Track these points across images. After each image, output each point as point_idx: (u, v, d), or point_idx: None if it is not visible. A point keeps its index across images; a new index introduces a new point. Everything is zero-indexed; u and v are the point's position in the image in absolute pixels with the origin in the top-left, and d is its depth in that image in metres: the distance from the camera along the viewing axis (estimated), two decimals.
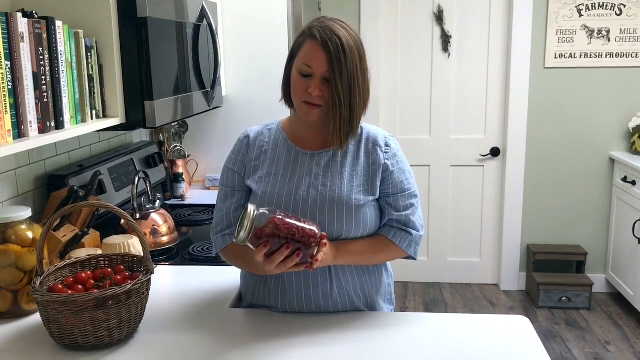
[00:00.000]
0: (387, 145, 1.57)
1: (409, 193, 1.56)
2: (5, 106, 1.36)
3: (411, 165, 1.62)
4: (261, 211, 1.33)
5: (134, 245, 1.84)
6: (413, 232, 1.56)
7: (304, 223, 1.36)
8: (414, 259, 1.60)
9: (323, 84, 1.43)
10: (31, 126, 1.46)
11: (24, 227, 1.59)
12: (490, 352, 1.39)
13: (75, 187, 1.85)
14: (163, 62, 1.95)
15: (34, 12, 1.48)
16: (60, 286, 1.44)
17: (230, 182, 1.59)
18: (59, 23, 1.56)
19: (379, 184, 1.54)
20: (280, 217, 1.34)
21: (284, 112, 1.66)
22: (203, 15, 2.37)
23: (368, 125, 1.62)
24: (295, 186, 1.51)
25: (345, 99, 1.42)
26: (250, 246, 1.34)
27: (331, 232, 1.48)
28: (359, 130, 1.57)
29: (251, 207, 1.32)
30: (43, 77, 1.50)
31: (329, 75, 1.42)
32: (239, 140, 1.62)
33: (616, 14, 3.72)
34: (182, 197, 2.89)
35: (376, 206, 1.56)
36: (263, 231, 1.32)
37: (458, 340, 1.45)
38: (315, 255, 1.36)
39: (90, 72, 1.72)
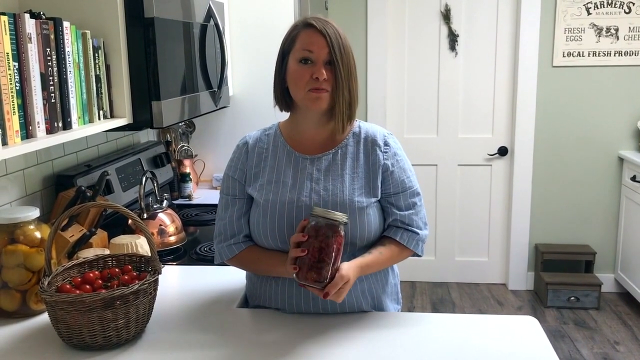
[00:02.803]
0: (386, 144, 1.56)
1: (411, 191, 1.56)
2: (13, 107, 1.37)
3: (418, 165, 1.61)
4: (341, 225, 1.38)
5: (141, 245, 1.85)
6: (418, 231, 1.56)
7: (333, 265, 1.37)
8: (420, 256, 1.60)
9: (326, 68, 1.46)
10: (39, 127, 1.46)
11: (32, 227, 1.59)
12: (498, 353, 1.38)
13: (83, 187, 1.86)
14: (170, 62, 1.96)
15: (41, 12, 1.49)
16: (68, 286, 1.45)
17: (230, 190, 1.59)
18: (66, 24, 1.57)
19: (379, 185, 1.53)
20: (336, 244, 1.37)
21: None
22: (210, 15, 2.37)
23: (366, 123, 1.61)
24: (297, 192, 1.51)
25: (346, 80, 1.47)
26: (310, 224, 1.39)
27: None
28: (357, 129, 1.57)
29: (345, 217, 1.39)
30: (50, 78, 1.50)
31: (330, 58, 1.46)
32: (237, 147, 1.62)
33: (625, 12, 3.70)
34: (189, 197, 2.89)
35: (378, 207, 1.55)
36: (320, 230, 1.37)
37: (466, 340, 1.44)
38: (305, 283, 1.38)
39: (98, 73, 1.72)
